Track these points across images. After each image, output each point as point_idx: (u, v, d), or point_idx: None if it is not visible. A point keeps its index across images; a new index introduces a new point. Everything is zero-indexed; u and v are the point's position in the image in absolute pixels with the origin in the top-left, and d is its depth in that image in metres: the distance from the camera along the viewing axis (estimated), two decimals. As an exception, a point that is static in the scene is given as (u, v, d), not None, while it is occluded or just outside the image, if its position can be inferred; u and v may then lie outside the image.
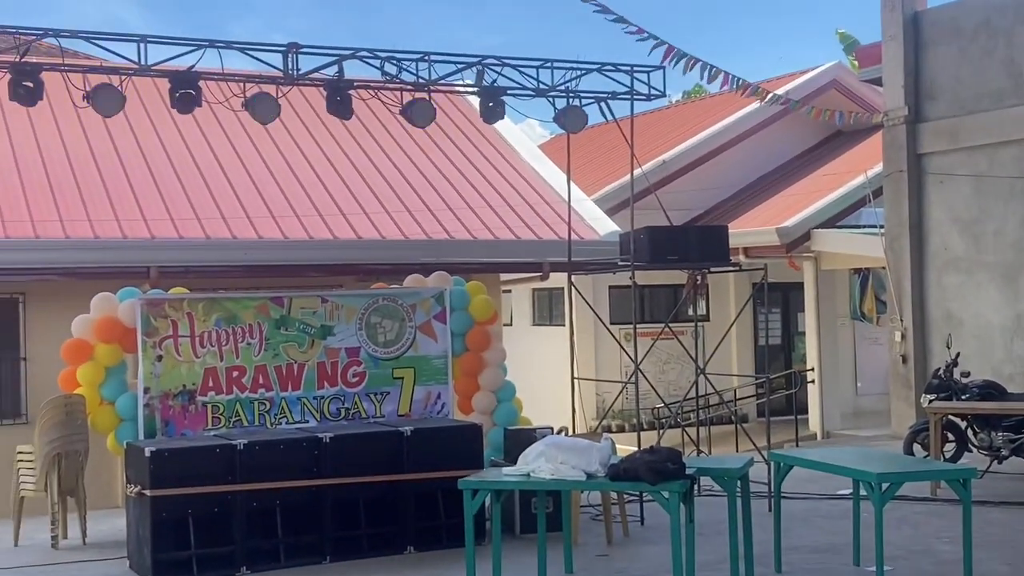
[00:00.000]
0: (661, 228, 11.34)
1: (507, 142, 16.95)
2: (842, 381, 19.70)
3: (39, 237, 12.31)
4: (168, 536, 8.69)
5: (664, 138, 21.29)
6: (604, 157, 20.65)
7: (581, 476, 7.62)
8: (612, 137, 18.18)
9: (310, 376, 10.51)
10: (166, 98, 11.02)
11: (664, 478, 7.42)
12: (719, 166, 20.58)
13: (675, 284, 18.02)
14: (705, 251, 11.42)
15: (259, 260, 13.10)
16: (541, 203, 15.29)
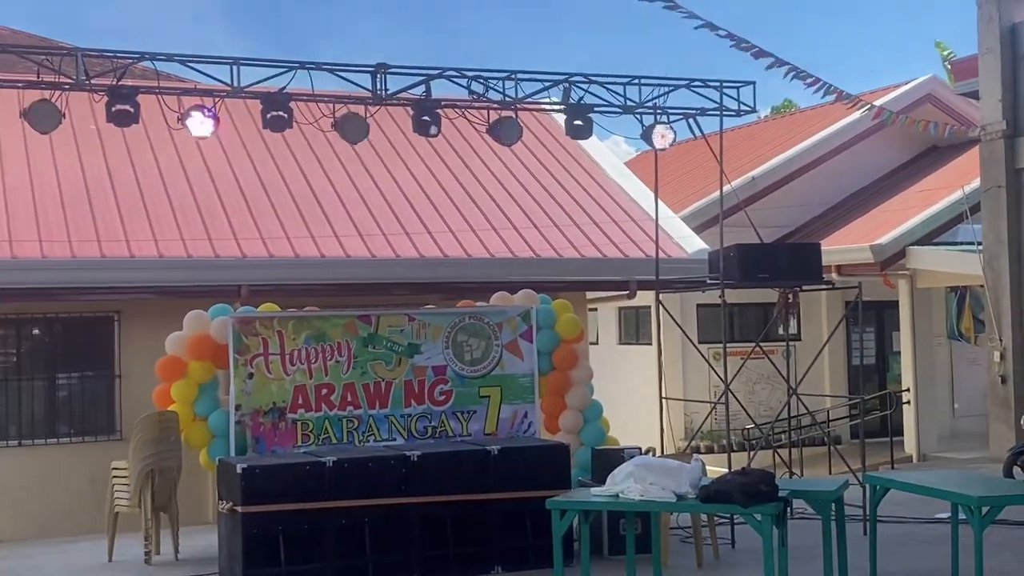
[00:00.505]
0: (752, 246, 11.23)
1: (593, 159, 16.92)
2: (939, 402, 19.25)
3: (134, 256, 12.56)
4: (259, 553, 8.80)
5: (753, 154, 21.06)
6: (692, 174, 20.53)
7: (671, 497, 7.57)
8: (700, 154, 18.08)
9: (397, 394, 10.60)
10: (257, 119, 11.27)
11: (756, 500, 7.34)
12: (810, 182, 20.27)
13: (765, 303, 17.77)
14: (797, 269, 11.29)
15: (346, 278, 13.22)
16: (627, 221, 15.24)
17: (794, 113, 28.15)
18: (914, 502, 10.05)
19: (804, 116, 23.99)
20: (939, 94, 21.08)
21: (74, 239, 12.55)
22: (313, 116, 10.34)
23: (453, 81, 10.33)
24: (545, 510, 7.95)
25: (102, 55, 9.78)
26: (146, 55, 9.60)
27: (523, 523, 9.42)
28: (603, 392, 11.97)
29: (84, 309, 13.05)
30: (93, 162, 14.09)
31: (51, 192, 13.33)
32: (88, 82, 9.34)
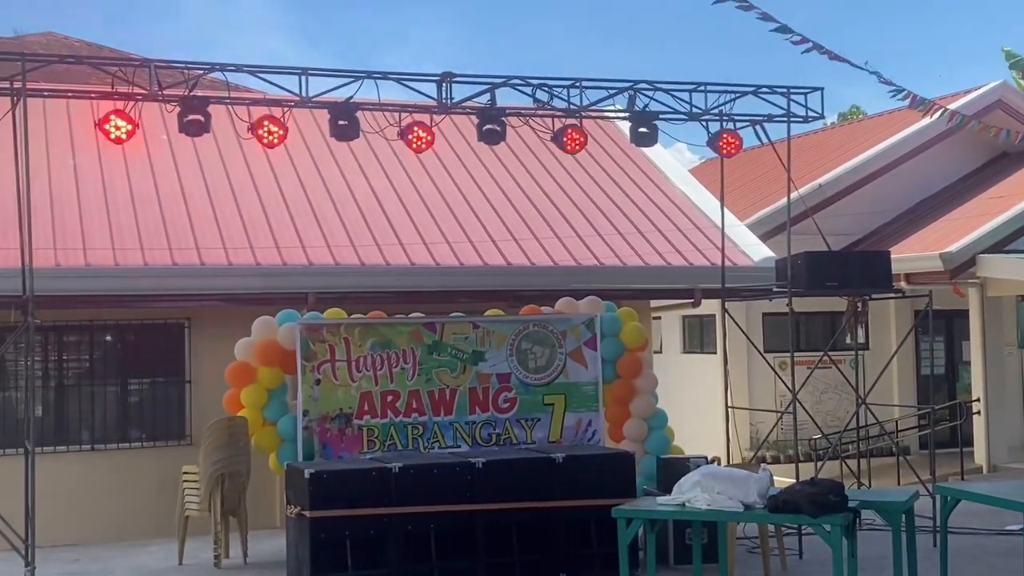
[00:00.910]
0: (820, 253, 11.13)
1: (657, 167, 16.84)
2: (1010, 412, 18.87)
3: (204, 264, 12.68)
4: (326, 557, 8.90)
5: (820, 161, 20.84)
6: (757, 181, 20.35)
7: (739, 507, 7.53)
8: (766, 161, 17.90)
9: (462, 401, 10.66)
10: (324, 128, 11.38)
11: (826, 511, 7.28)
12: (878, 189, 19.98)
13: (832, 311, 17.59)
14: (866, 277, 11.18)
15: (411, 286, 13.27)
16: (692, 228, 15.14)
17: (861, 119, 27.81)
18: (985, 513, 9.88)
19: (872, 122, 23.69)
20: (1009, 100, 20.70)
21: (146, 247, 12.70)
22: (379, 125, 10.40)
23: (518, 89, 10.35)
24: (610, 518, 7.95)
25: (174, 66, 9.93)
26: (217, 66, 9.73)
27: (588, 531, 9.44)
28: (667, 401, 11.94)
29: (155, 316, 13.22)
30: (164, 171, 14.27)
31: (124, 201, 13.52)
32: (160, 93, 9.48)
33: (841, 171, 19.78)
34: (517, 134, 12.74)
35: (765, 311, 17.97)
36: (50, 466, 11.27)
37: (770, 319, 18.26)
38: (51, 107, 13.57)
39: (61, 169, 13.71)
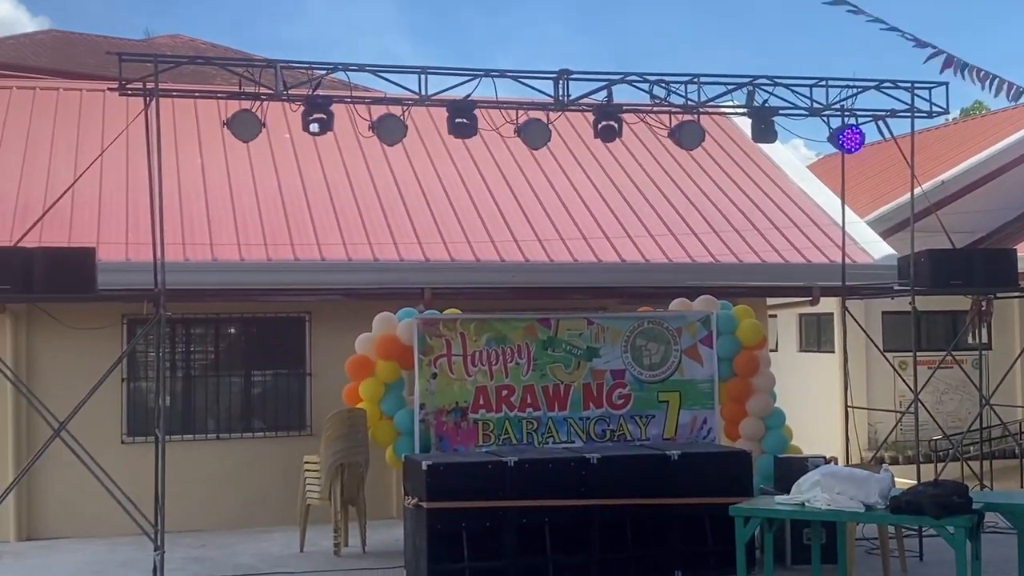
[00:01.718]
0: (943, 251, 10.79)
1: (774, 163, 16.57)
2: None
3: (324, 260, 12.88)
4: (443, 548, 8.97)
5: (942, 158, 20.29)
6: (877, 177, 19.92)
7: (859, 508, 7.41)
8: (886, 156, 17.52)
9: (576, 397, 10.65)
10: (441, 127, 11.45)
11: (949, 512, 7.11)
12: (1002, 186, 19.39)
13: (954, 310, 17.12)
14: (991, 275, 10.83)
15: (526, 282, 13.27)
16: (810, 225, 14.86)
17: (984, 115, 26.98)
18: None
19: (996, 118, 22.96)
20: None
21: (269, 243, 12.94)
22: (495, 123, 10.41)
23: (634, 86, 10.24)
24: (726, 516, 7.88)
25: (298, 67, 10.08)
26: (339, 66, 9.84)
27: (703, 529, 9.37)
28: (783, 400, 11.78)
29: (278, 310, 13.48)
30: (286, 169, 14.52)
31: (248, 198, 13.82)
32: (285, 93, 9.63)
33: (964, 167, 19.25)
34: (632, 131, 12.62)
35: (885, 310, 17.58)
36: (178, 454, 11.56)
37: (890, 318, 17.82)
38: (179, 107, 13.91)
39: (189, 167, 14.06)
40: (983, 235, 19.21)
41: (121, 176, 13.27)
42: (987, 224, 19.32)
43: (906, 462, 15.25)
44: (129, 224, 12.57)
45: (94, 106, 15.48)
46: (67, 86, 16.50)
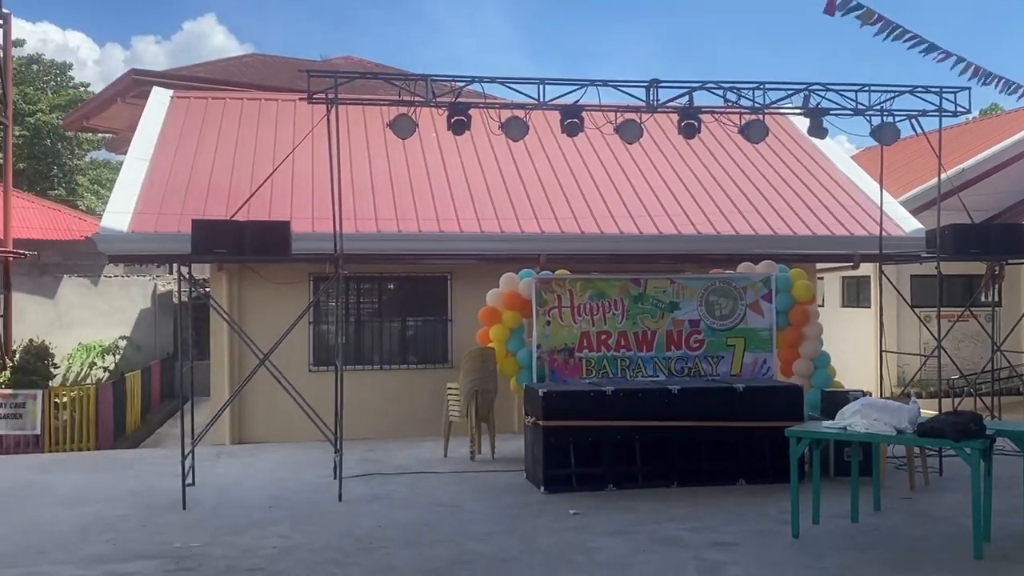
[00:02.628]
0: (964, 225, 10.40)
1: (824, 154, 16.13)
2: None
3: (462, 231, 13.01)
4: (555, 457, 9.07)
5: (963, 149, 19.40)
6: (908, 166, 19.16)
7: (892, 432, 7.25)
8: (915, 148, 16.86)
9: (660, 341, 10.59)
10: (554, 126, 11.39)
11: (967, 436, 6.92)
12: (1013, 173, 18.49)
13: (970, 274, 16.44)
14: (1004, 245, 10.41)
15: (620, 250, 13.21)
16: (853, 205, 14.45)
17: (999, 114, 25.74)
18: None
19: (1009, 117, 21.90)
20: None
21: (420, 217, 13.12)
22: (598, 123, 10.34)
23: (711, 92, 10.07)
24: (781, 438, 7.77)
25: (444, 80, 10.14)
26: (475, 78, 9.87)
27: (763, 448, 9.27)
28: (827, 346, 11.52)
29: (426, 271, 13.67)
30: (433, 160, 14.67)
31: (403, 182, 14.00)
32: (434, 100, 9.72)
33: (981, 157, 18.39)
34: (708, 129, 12.38)
35: (913, 273, 17.02)
36: (351, 380, 11.78)
37: (916, 280, 17.25)
38: (352, 112, 14.13)
39: (359, 159, 14.31)
40: (996, 212, 18.35)
41: (308, 166, 13.56)
42: (1000, 204, 18.44)
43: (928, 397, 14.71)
44: (314, 203, 12.86)
45: (287, 113, 15.83)
46: (266, 97, 16.89)
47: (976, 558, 6.78)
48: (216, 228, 8.97)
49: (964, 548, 6.99)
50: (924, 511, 8.27)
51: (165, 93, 16.44)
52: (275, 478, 10.06)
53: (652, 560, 6.92)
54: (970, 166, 18.02)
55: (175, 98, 16.34)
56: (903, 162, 19.59)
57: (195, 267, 11.67)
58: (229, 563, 6.93)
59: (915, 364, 14.34)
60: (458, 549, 7.23)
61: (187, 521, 8.19)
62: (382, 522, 8.08)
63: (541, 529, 7.80)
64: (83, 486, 9.80)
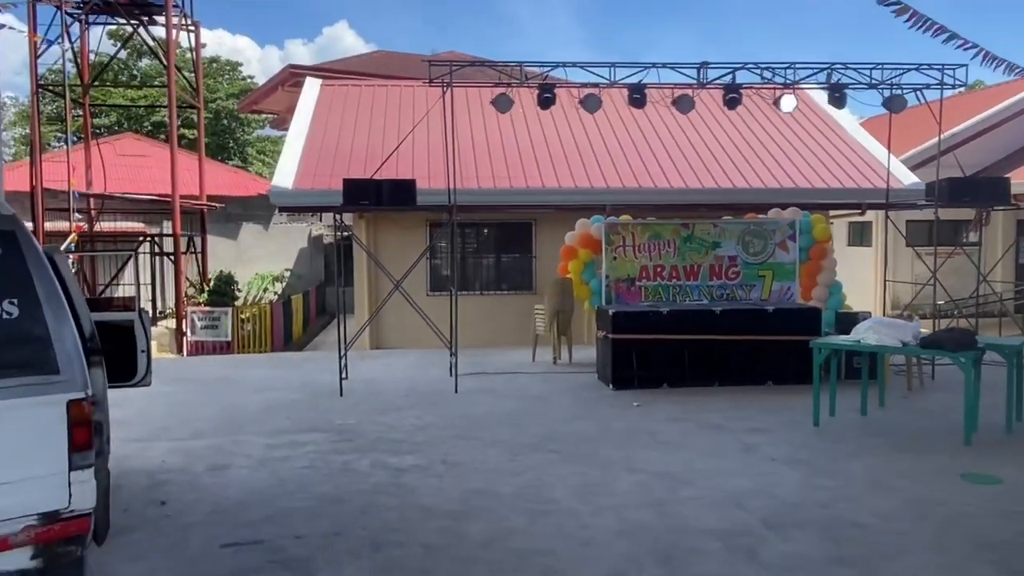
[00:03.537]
0: (958, 178, 9.85)
1: (837, 121, 15.38)
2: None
3: (544, 186, 12.88)
4: (621, 361, 9.01)
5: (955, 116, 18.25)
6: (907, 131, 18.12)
7: (898, 344, 6.97)
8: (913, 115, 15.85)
9: (704, 273, 10.34)
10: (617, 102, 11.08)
11: (963, 348, 6.63)
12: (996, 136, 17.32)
13: (956, 220, 15.60)
14: (990, 194, 9.82)
15: (670, 200, 12.88)
16: (861, 163, 13.81)
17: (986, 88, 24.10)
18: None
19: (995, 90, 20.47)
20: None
21: (511, 175, 13.03)
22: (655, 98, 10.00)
23: (750, 71, 9.62)
24: (802, 348, 7.57)
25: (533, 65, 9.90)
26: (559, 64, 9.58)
27: (787, 357, 9.03)
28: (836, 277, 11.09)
29: (515, 218, 13.59)
30: (521, 132, 14.49)
31: (497, 148, 13.89)
32: (526, 82, 9.52)
33: (969, 123, 17.28)
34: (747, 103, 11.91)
35: (908, 219, 16.20)
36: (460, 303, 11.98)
37: (911, 224, 16.41)
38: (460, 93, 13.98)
39: (463, 132, 14.20)
40: (982, 168, 17.31)
41: (424, 138, 13.52)
42: (985, 160, 17.38)
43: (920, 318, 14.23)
44: (429, 167, 12.84)
45: (407, 96, 15.77)
46: (390, 84, 16.83)
47: (966, 444, 6.56)
48: (360, 185, 9.03)
49: (955, 436, 6.76)
50: (921, 408, 8.01)
51: (315, 82, 16.51)
52: (406, 375, 10.25)
53: (703, 440, 6.87)
54: (960, 130, 16.96)
55: (323, 86, 16.39)
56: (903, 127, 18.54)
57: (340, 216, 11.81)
58: (378, 436, 7.11)
59: (908, 292, 13.80)
60: (549, 429, 7.28)
61: (344, 405, 8.42)
62: (490, 408, 8.18)
63: (612, 416, 7.80)
64: (265, 378, 10.15)
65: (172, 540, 4.82)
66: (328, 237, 22.88)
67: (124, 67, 32.95)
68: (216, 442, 6.96)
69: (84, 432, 3.64)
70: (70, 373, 3.62)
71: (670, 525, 4.98)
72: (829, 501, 5.38)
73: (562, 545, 4.69)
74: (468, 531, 4.91)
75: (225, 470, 6.19)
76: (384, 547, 4.69)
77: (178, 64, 17.17)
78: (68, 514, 3.60)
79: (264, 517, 5.17)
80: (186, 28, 17.50)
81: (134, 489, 5.76)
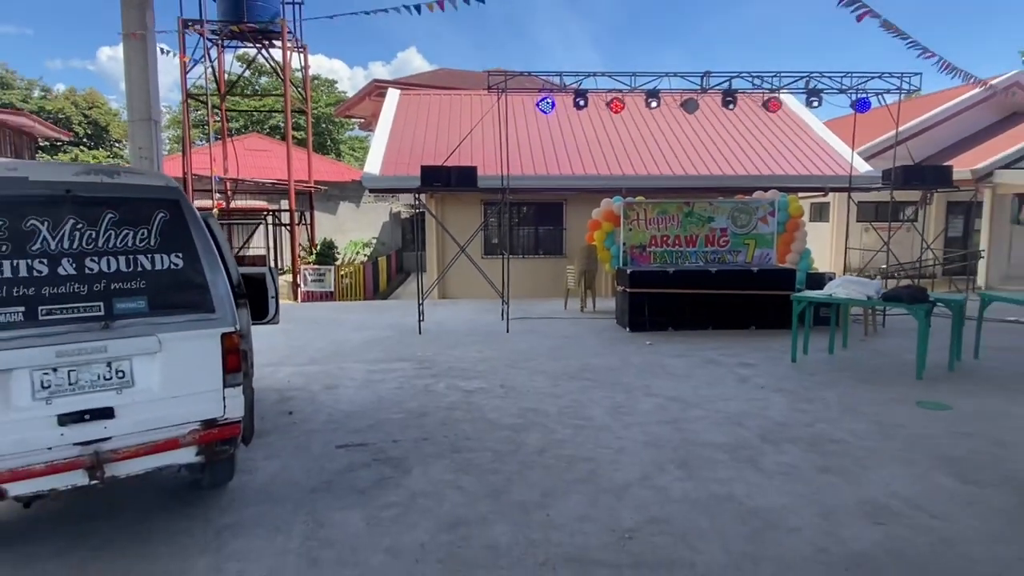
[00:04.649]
0: (909, 165, 9.14)
1: (806, 122, 14.53)
2: (1000, 257, 15.30)
3: (573, 173, 12.41)
4: (636, 310, 8.68)
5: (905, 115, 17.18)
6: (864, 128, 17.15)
7: (863, 297, 6.53)
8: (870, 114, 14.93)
9: (701, 241, 9.84)
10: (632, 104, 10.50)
11: (918, 301, 6.17)
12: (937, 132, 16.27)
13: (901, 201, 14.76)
14: (936, 179, 9.13)
15: (675, 184, 12.29)
16: (824, 154, 13.03)
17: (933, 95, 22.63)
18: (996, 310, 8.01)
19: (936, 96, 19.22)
20: (1022, 81, 15.98)
21: (547, 164, 12.57)
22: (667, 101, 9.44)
23: (743, 78, 9.01)
24: (780, 301, 7.21)
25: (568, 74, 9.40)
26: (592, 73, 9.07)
27: (767, 307, 8.61)
28: (807, 244, 10.54)
29: (550, 198, 13.12)
30: (555, 129, 13.92)
31: (536, 143, 13.39)
32: (564, 87, 9.02)
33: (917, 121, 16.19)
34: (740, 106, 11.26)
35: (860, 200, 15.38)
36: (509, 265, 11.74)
37: (862, 204, 15.60)
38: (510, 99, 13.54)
39: (511, 129, 13.73)
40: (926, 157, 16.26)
41: (479, 136, 13.09)
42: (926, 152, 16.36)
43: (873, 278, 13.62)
44: (484, 158, 12.46)
45: (464, 103, 15.27)
46: (452, 94, 16.33)
47: (918, 379, 6.15)
48: (434, 171, 8.72)
49: (908, 372, 6.36)
50: (877, 349, 7.58)
51: (395, 92, 16.07)
52: (467, 319, 10.07)
53: (704, 372, 6.58)
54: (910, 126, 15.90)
55: (401, 95, 15.97)
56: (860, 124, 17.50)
57: (411, 196, 11.53)
58: (450, 365, 6.95)
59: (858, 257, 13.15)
60: (581, 363, 7.05)
61: (422, 341, 8.27)
62: (533, 345, 7.97)
63: (630, 352, 7.53)
64: (361, 320, 10.05)
65: (299, 442, 4.73)
66: (405, 213, 22.65)
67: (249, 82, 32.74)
68: (328, 368, 6.88)
69: (235, 358, 3.55)
70: (223, 312, 3.53)
71: (685, 439, 4.75)
72: (811, 422, 5.09)
73: (600, 453, 4.48)
74: (526, 440, 4.74)
75: (336, 389, 6.09)
76: (462, 450, 4.54)
77: (291, 80, 16.88)
78: (223, 421, 3.54)
79: (368, 426, 5.05)
80: (297, 51, 17.15)
81: (268, 403, 5.69)
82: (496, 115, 9.24)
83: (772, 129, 14.16)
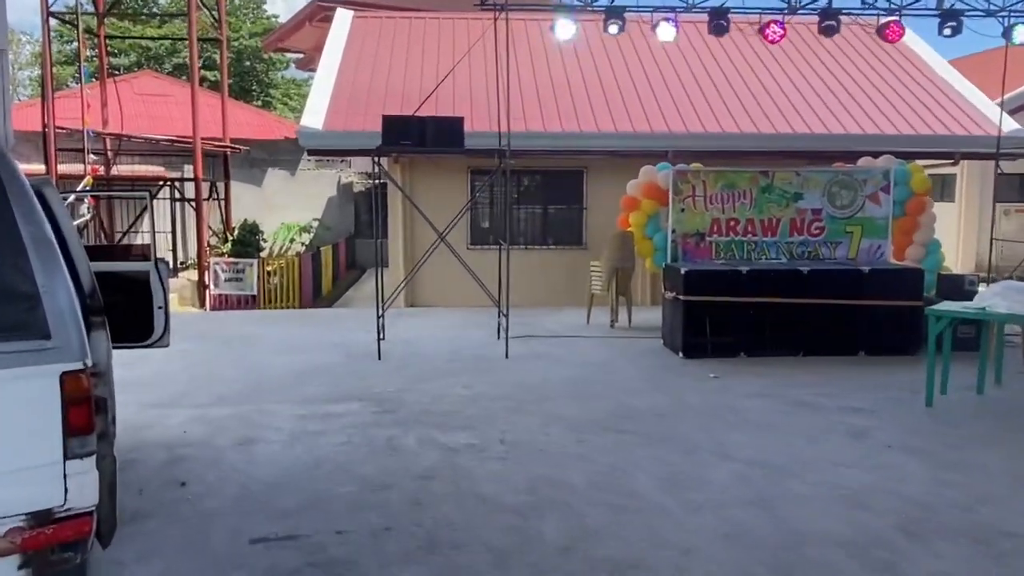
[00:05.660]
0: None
1: (924, 61, 14.18)
2: None
3: (599, 130, 12.04)
4: (693, 327, 8.27)
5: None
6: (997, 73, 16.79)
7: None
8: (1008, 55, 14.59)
9: (784, 227, 9.44)
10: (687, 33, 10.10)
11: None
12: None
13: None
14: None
15: (739, 147, 11.94)
16: (952, 106, 12.69)
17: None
18: None
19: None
20: None
21: (562, 118, 12.20)
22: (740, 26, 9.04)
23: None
24: (898, 314, 6.85)
25: None
26: None
27: (880, 324, 8.20)
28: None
29: (564, 165, 12.77)
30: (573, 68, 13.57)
31: (547, 89, 13.03)
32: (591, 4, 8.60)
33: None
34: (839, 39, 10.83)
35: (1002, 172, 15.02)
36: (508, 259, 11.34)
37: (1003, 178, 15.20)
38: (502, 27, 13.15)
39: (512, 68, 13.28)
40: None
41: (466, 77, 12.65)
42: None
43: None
44: (472, 107, 12.02)
45: (446, 30, 14.89)
46: (430, 17, 15.91)
47: (1115, 434, 5.72)
48: (402, 122, 8.28)
49: (1099, 424, 5.92)
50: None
51: (347, 15, 15.63)
52: (448, 336, 9.62)
53: (797, 421, 6.12)
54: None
55: (355, 19, 15.51)
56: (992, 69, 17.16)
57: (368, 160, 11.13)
58: (424, 407, 6.48)
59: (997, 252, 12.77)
60: (615, 403, 6.59)
61: (383, 370, 7.81)
62: (546, 376, 7.51)
63: (685, 389, 7.08)
64: (293, 337, 9.59)
65: (192, 532, 4.24)
66: (359, 185, 22.21)
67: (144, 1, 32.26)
68: (242, 410, 6.38)
69: (82, 411, 3.06)
70: (64, 337, 3.03)
71: (784, 530, 4.27)
72: (970, 503, 4.63)
73: (657, 555, 4.00)
74: (540, 531, 4.26)
75: (252, 445, 5.60)
76: (443, 548, 4.06)
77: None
78: (63, 513, 3.05)
79: (299, 505, 4.57)
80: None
81: (151, 465, 5.20)
82: (491, 46, 8.78)
83: (883, 72, 13.77)
